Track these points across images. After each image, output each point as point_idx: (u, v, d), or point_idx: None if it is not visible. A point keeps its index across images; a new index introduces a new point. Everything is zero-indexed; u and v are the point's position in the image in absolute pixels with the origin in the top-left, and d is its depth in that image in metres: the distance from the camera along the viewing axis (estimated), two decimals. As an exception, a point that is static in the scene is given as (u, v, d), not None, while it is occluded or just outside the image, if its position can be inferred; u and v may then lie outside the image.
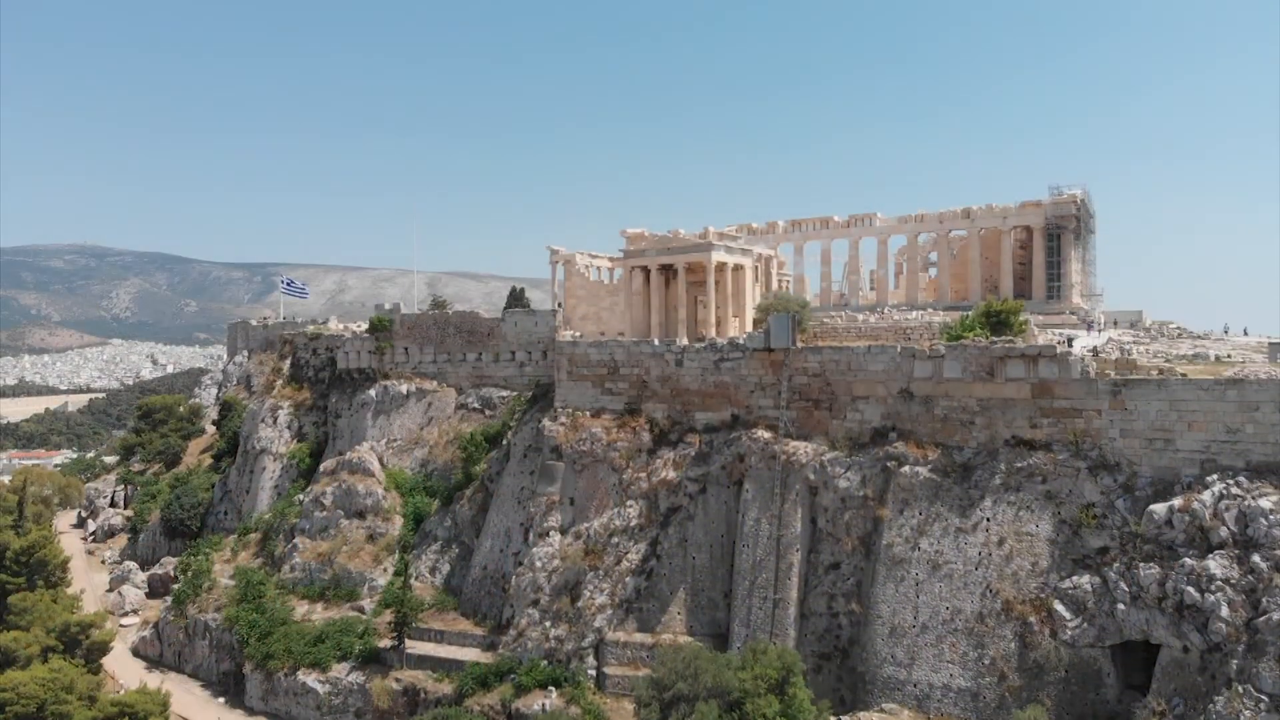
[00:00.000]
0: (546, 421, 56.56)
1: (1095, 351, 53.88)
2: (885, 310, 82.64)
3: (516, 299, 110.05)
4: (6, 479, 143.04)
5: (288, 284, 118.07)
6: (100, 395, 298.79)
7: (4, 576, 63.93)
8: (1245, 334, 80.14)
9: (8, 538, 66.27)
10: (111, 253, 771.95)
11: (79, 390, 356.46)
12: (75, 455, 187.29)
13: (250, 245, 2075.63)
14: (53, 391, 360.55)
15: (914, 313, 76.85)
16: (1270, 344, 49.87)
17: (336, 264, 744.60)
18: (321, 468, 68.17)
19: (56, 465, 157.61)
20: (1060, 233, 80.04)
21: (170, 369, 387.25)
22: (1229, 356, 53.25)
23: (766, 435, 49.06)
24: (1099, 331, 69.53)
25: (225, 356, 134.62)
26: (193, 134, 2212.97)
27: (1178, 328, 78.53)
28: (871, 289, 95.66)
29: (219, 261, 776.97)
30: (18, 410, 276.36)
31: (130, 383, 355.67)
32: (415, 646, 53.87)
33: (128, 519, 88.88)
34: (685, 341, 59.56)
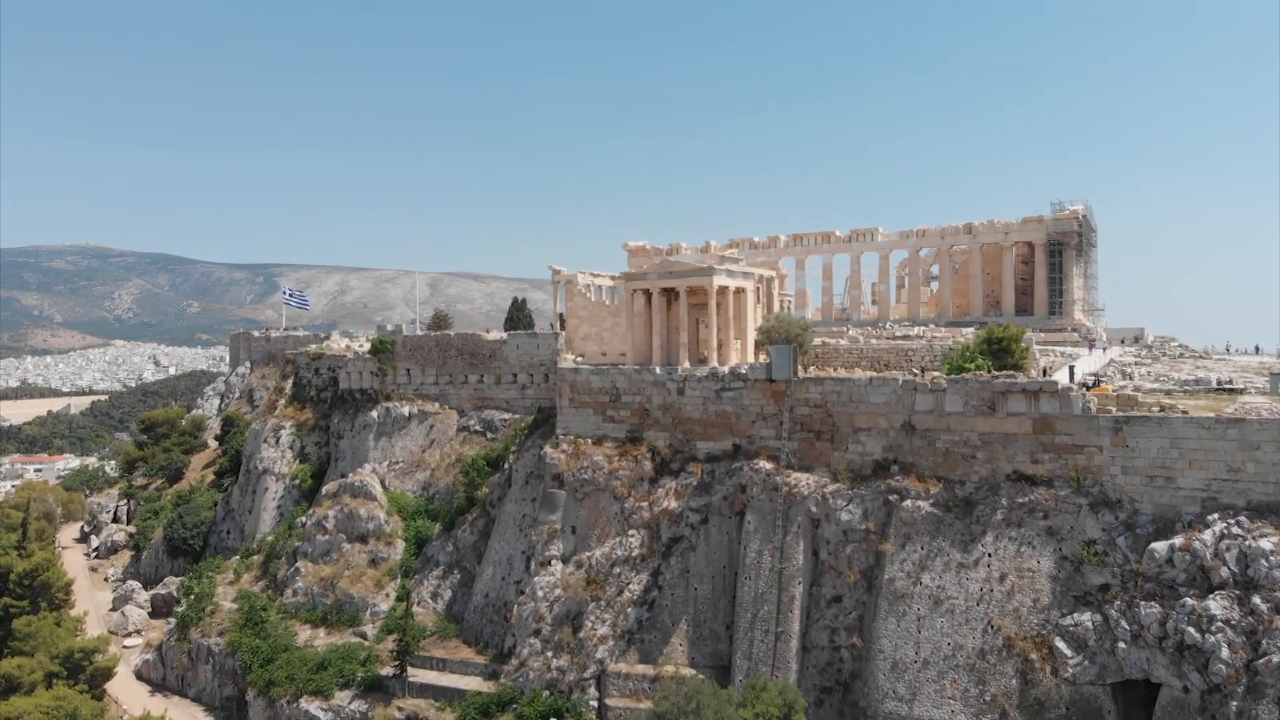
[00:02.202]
0: (548, 449, 56.52)
1: (1097, 379, 53.98)
2: (887, 325, 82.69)
3: (519, 309, 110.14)
4: (9, 485, 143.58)
5: (290, 295, 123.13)
6: (103, 397, 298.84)
7: (8, 600, 64.15)
8: (1257, 350, 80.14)
9: (11, 560, 66.47)
10: (113, 253, 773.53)
11: (81, 392, 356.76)
12: (78, 459, 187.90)
13: (252, 246, 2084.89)
14: (55, 394, 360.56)
15: (915, 329, 76.83)
16: (1272, 374, 49.82)
17: (339, 265, 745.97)
18: (324, 490, 68.17)
19: (59, 474, 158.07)
20: (1062, 248, 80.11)
21: (173, 370, 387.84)
22: (1230, 381, 53.29)
23: (768, 466, 49.02)
24: (1102, 350, 69.51)
25: (228, 360, 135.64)
26: (194, 135, 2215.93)
27: (1179, 345, 78.61)
28: (873, 303, 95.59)
29: (221, 262, 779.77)
30: (20, 413, 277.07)
31: (133, 384, 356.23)
32: (417, 675, 53.96)
33: (130, 535, 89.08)
34: (687, 364, 59.58)
